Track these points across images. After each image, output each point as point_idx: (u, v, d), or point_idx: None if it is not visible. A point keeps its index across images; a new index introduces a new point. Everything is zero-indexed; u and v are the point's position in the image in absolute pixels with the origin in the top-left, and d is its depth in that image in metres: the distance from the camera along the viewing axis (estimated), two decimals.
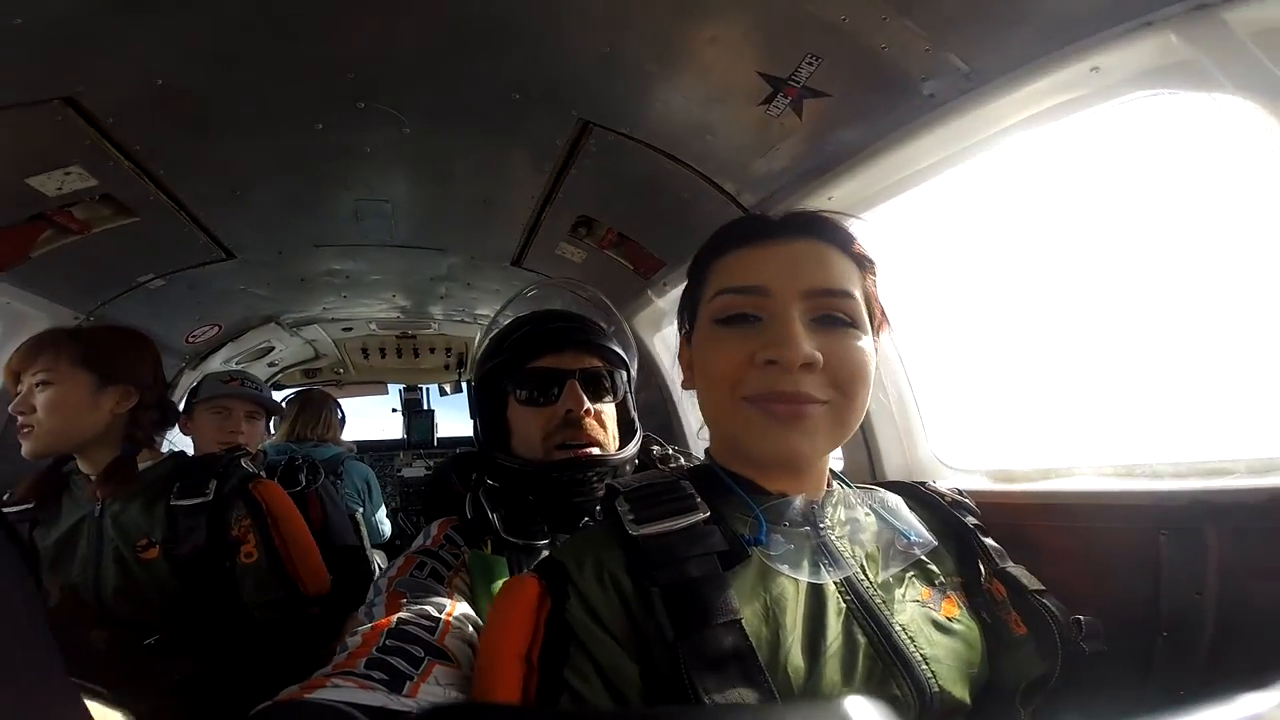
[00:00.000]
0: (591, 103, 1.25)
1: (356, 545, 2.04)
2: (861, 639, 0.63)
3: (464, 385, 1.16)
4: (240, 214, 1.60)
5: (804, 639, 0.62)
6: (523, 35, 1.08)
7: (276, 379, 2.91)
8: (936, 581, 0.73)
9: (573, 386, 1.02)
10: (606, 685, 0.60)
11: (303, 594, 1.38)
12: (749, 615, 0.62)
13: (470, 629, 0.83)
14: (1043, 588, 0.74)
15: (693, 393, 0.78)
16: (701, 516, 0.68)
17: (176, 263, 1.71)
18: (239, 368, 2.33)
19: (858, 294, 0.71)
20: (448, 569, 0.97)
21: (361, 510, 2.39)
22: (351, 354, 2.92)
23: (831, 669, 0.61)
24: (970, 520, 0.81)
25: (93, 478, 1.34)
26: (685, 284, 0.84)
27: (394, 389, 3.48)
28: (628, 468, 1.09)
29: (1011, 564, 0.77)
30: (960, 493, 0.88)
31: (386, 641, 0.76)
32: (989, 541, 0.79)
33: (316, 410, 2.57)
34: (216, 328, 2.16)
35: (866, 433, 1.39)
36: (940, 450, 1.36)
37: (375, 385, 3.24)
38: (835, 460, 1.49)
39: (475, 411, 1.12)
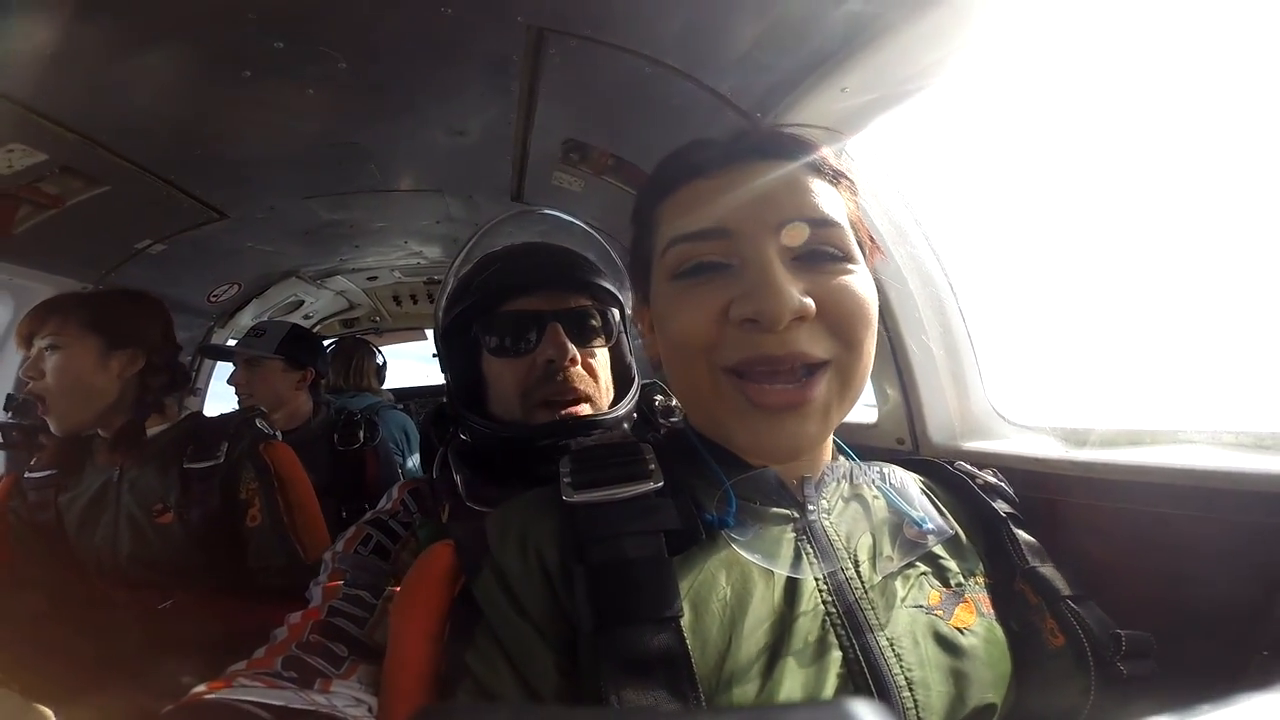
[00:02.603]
0: (539, 6, 1.03)
1: None
2: (835, 653, 0.50)
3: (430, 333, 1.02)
4: (213, 172, 1.51)
5: (763, 648, 0.50)
6: None
7: (315, 331, 2.97)
8: (953, 582, 0.58)
9: (554, 331, 0.87)
10: (515, 674, 0.50)
11: (304, 560, 1.36)
12: (697, 612, 0.50)
13: None
14: (1081, 594, 0.58)
15: None
16: (652, 486, 0.56)
17: (170, 227, 1.67)
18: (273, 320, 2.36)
19: (841, 219, 0.55)
20: (395, 541, 0.89)
21: (402, 460, 2.42)
22: (384, 302, 2.90)
23: (789, 688, 0.48)
24: (1004, 508, 0.65)
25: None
26: (632, 233, 0.68)
27: (431, 334, 3.42)
28: (625, 426, 0.94)
29: (1048, 564, 0.61)
30: (996, 474, 0.71)
31: (310, 637, 0.72)
32: (1024, 536, 0.63)
33: (346, 359, 2.56)
34: (236, 286, 2.17)
35: (906, 381, 1.15)
36: (999, 402, 1.11)
37: (413, 331, 3.25)
38: (868, 412, 1.28)
39: (444, 364, 0.99)
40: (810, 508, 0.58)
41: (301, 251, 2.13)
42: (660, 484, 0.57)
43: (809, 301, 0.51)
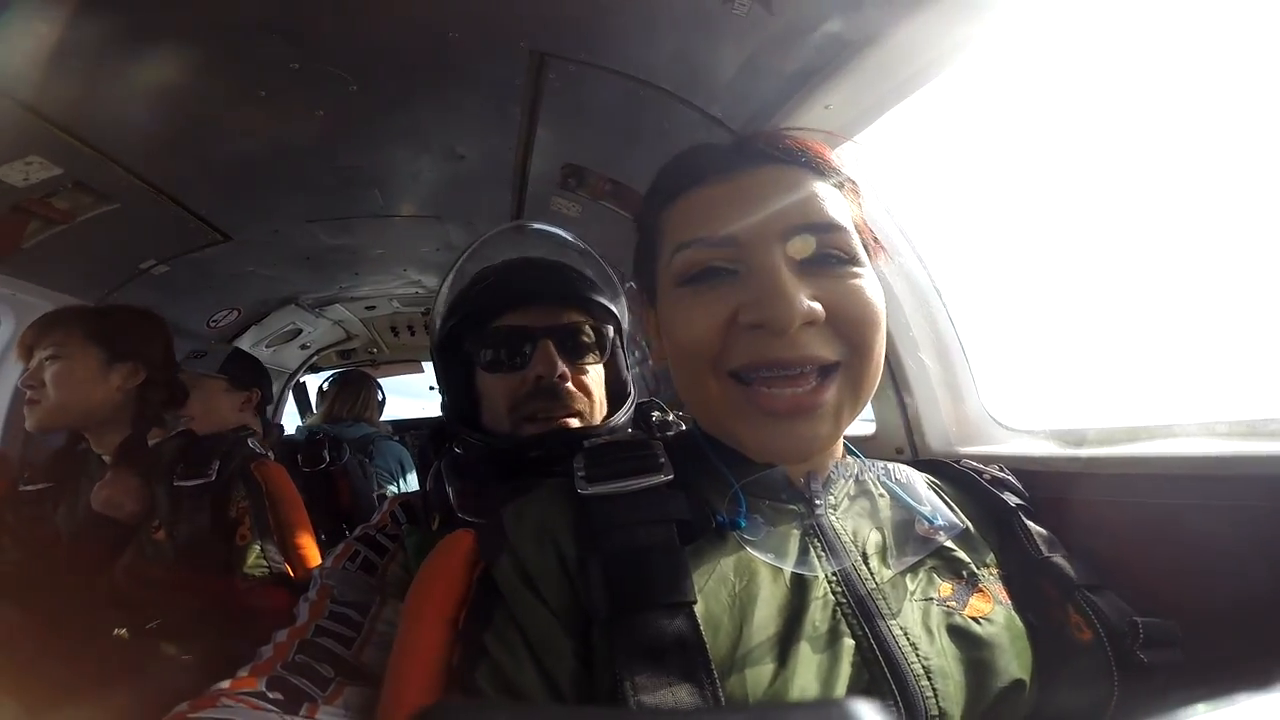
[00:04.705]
0: (540, 31, 1.10)
1: None
2: (848, 643, 0.50)
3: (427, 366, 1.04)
4: (222, 193, 1.56)
5: (775, 636, 0.50)
6: None
7: (313, 361, 2.98)
8: (965, 572, 0.58)
9: (545, 348, 0.88)
10: (533, 658, 0.49)
11: (291, 579, 1.33)
12: (708, 602, 0.50)
13: None
14: (1095, 582, 0.58)
15: None
16: (663, 479, 0.57)
17: (174, 247, 1.71)
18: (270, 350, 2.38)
19: (847, 223, 0.56)
20: (382, 555, 0.88)
21: (396, 489, 2.40)
22: (381, 333, 2.93)
23: (804, 675, 0.48)
24: (1013, 500, 0.66)
25: (105, 458, 1.35)
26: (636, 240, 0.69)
27: (429, 366, 3.43)
28: None
29: (1061, 554, 0.61)
30: (1003, 468, 0.72)
31: (296, 657, 0.71)
32: (1035, 527, 0.63)
33: (355, 390, 2.60)
34: (235, 311, 2.20)
35: (902, 392, 1.16)
36: (994, 407, 1.12)
37: (410, 364, 3.25)
38: (865, 425, 1.28)
39: (440, 378, 1.00)
40: (818, 502, 0.58)
41: (302, 277, 2.17)
42: (671, 476, 0.58)
43: (817, 306, 0.52)
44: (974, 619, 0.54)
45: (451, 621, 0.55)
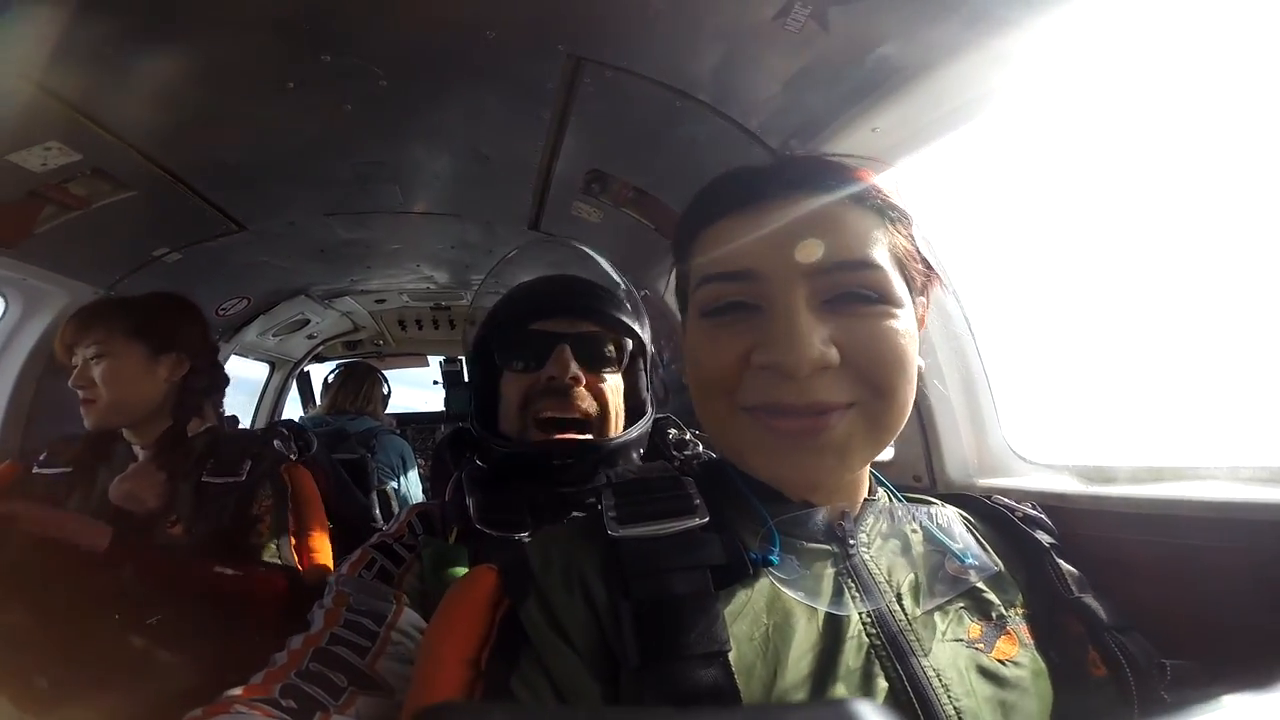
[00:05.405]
0: (579, 35, 1.07)
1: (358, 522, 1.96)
2: (882, 684, 0.50)
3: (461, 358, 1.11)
4: (240, 184, 1.53)
5: (807, 679, 0.49)
6: None
7: (318, 351, 2.97)
8: (994, 614, 0.57)
9: (561, 352, 0.91)
10: (560, 703, 0.49)
11: (304, 582, 1.31)
12: (739, 644, 0.49)
13: (412, 644, 0.76)
14: (1125, 624, 0.58)
15: None
16: (698, 522, 0.56)
17: (188, 236, 1.68)
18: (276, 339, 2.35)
19: (882, 259, 0.53)
20: (399, 565, 0.89)
21: (396, 484, 2.39)
22: (389, 326, 2.91)
23: None
24: (1046, 539, 0.65)
25: (136, 448, 1.34)
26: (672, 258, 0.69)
27: (434, 360, 3.43)
28: (634, 455, 0.97)
29: (1091, 594, 0.61)
30: (1035, 506, 0.72)
31: (310, 665, 0.71)
32: (1066, 566, 0.63)
33: (358, 383, 2.59)
34: (245, 300, 2.17)
35: (924, 418, 1.15)
36: (1015, 440, 1.11)
37: (415, 357, 3.23)
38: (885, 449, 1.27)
39: (471, 384, 1.05)
40: (851, 542, 0.58)
41: (315, 269, 2.15)
42: (706, 519, 0.57)
43: (832, 352, 0.51)
44: (1000, 661, 0.54)
45: (472, 662, 0.54)
